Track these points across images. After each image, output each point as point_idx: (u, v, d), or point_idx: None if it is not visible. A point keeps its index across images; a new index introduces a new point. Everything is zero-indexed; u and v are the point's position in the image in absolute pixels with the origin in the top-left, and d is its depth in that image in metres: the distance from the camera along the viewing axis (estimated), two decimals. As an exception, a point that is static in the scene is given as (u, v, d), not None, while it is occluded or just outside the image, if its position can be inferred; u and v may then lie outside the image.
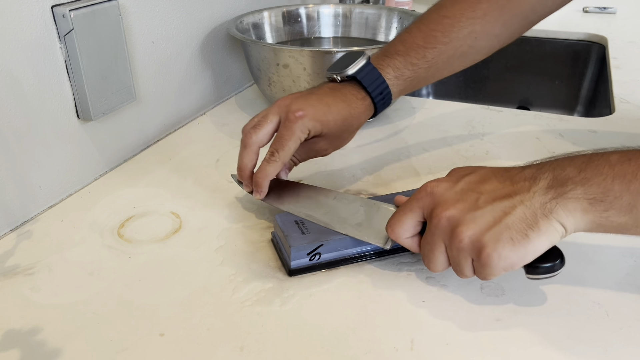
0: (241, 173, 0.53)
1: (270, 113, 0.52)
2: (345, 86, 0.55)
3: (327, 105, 0.53)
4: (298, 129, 0.50)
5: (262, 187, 0.51)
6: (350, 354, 0.39)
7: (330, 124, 0.52)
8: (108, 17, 0.58)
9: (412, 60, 0.56)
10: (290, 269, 0.46)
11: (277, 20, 0.88)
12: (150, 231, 0.53)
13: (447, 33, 0.57)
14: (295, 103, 0.52)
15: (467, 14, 0.57)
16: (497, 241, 0.39)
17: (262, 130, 0.52)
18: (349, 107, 0.54)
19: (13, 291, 0.45)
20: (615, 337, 0.40)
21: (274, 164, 0.50)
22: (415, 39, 0.57)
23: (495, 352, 0.39)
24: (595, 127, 0.75)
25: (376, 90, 0.55)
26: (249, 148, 0.52)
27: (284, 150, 0.50)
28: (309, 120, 0.51)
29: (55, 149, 0.57)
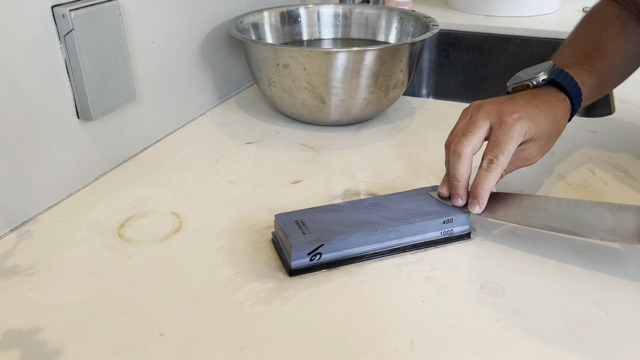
0: (457, 185, 0.50)
1: (479, 119, 0.50)
2: (543, 91, 0.54)
3: (537, 107, 0.51)
4: (516, 132, 0.48)
5: (483, 199, 0.48)
6: (350, 354, 0.39)
7: (542, 126, 0.51)
8: (108, 17, 0.58)
9: (586, 68, 0.57)
10: (290, 268, 0.46)
11: (277, 21, 0.88)
12: (150, 231, 0.53)
13: (599, 48, 0.59)
14: (506, 106, 0.50)
15: (604, 34, 0.60)
16: None
17: (475, 136, 0.49)
18: (555, 109, 0.53)
19: (13, 291, 0.45)
20: (615, 337, 0.40)
21: (495, 172, 0.48)
22: (576, 53, 0.59)
23: (495, 352, 0.39)
24: (595, 127, 0.75)
25: (573, 91, 0.54)
26: (464, 157, 0.49)
27: (504, 156, 0.48)
28: (526, 122, 0.49)
29: (55, 149, 0.57)
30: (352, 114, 0.75)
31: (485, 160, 0.49)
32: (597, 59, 0.58)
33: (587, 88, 0.56)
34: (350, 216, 0.50)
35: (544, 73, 0.55)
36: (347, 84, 0.70)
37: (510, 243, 0.51)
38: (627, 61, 0.62)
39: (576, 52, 0.59)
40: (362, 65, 0.69)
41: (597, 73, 0.58)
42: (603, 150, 0.68)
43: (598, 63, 0.58)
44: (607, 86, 0.62)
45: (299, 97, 0.73)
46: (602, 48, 0.59)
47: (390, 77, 0.73)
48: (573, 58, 0.58)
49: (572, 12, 1.27)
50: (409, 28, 0.85)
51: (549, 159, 0.66)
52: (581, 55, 0.59)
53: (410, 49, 0.73)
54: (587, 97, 0.57)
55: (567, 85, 0.54)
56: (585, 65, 0.57)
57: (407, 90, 0.80)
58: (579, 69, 0.57)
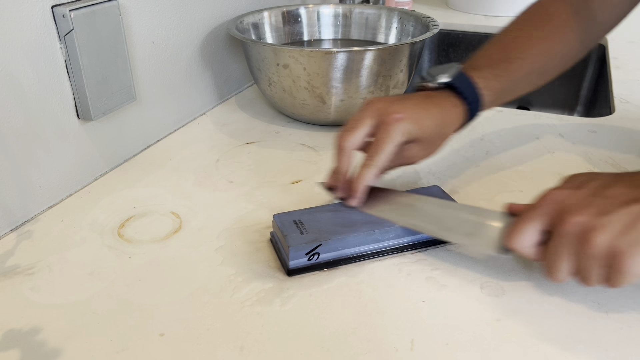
0: (337, 178, 0.51)
1: (365, 116, 0.51)
2: (438, 94, 0.54)
3: (424, 109, 0.52)
4: (397, 132, 0.49)
5: (359, 193, 0.50)
6: (350, 354, 0.39)
7: (426, 128, 0.51)
8: (108, 17, 0.58)
9: (497, 72, 0.57)
10: (289, 268, 0.46)
11: (277, 21, 0.88)
12: (150, 231, 0.53)
13: (522, 50, 0.58)
14: (393, 106, 0.50)
15: (535, 33, 0.59)
16: (633, 246, 0.37)
17: (358, 132, 0.50)
18: (444, 113, 0.53)
19: (13, 291, 0.45)
20: (615, 337, 0.40)
21: (372, 169, 0.49)
22: (494, 55, 0.58)
23: (495, 352, 0.39)
24: (595, 127, 0.75)
25: (470, 97, 0.55)
26: (345, 151, 0.50)
27: (383, 154, 0.49)
28: (408, 123, 0.49)
29: (55, 149, 0.57)
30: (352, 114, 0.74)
31: (365, 157, 0.50)
32: (516, 62, 0.58)
33: (493, 92, 0.56)
34: (348, 216, 0.50)
35: (446, 76, 0.55)
36: (347, 84, 0.70)
37: (510, 243, 0.51)
38: (554, 64, 0.61)
39: (495, 53, 0.59)
40: (362, 65, 0.69)
41: (512, 77, 0.57)
42: (603, 150, 0.68)
43: (515, 66, 0.57)
44: (525, 88, 0.60)
45: (299, 97, 0.73)
46: (526, 50, 0.58)
47: (390, 77, 0.73)
48: (488, 59, 0.58)
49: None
50: (409, 28, 0.85)
51: (548, 159, 0.66)
52: (499, 56, 0.58)
53: (410, 49, 0.73)
54: (493, 100, 0.57)
55: (464, 91, 0.54)
56: (497, 69, 0.57)
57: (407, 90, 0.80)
58: (488, 73, 0.56)
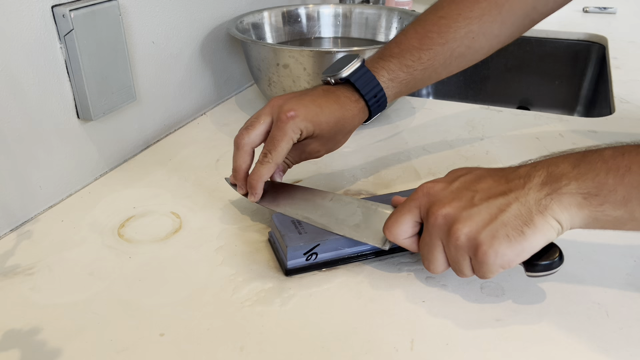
0: (236, 175, 0.53)
1: (262, 114, 0.52)
2: (339, 88, 0.55)
3: (320, 106, 0.52)
4: (290, 130, 0.50)
5: (256, 189, 0.51)
6: (350, 354, 0.39)
7: (322, 125, 0.52)
8: (108, 17, 0.58)
9: (407, 62, 0.56)
10: (287, 268, 0.46)
11: (277, 20, 0.88)
12: (150, 231, 0.53)
13: (444, 34, 0.56)
14: (288, 103, 0.51)
15: (464, 13, 0.56)
16: (493, 238, 0.39)
17: (255, 130, 0.51)
18: (342, 109, 0.54)
19: (13, 291, 0.45)
20: (615, 337, 0.40)
21: (267, 166, 0.50)
22: (410, 41, 0.57)
23: (495, 352, 0.39)
24: (595, 127, 0.75)
25: (370, 93, 0.54)
26: (242, 149, 0.52)
27: (277, 151, 0.50)
28: (301, 120, 0.50)
29: (55, 149, 0.57)
30: (352, 114, 0.74)
31: (261, 154, 0.51)
32: (434, 48, 0.56)
33: (400, 84, 0.56)
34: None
35: (346, 69, 0.54)
36: (347, 84, 0.70)
37: (510, 243, 0.51)
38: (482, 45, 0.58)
39: (411, 39, 0.57)
40: (362, 65, 0.69)
41: (424, 65, 0.56)
42: (603, 150, 0.68)
43: (431, 53, 0.56)
44: (441, 74, 0.59)
45: (299, 97, 0.72)
46: (450, 33, 0.56)
47: (390, 77, 0.72)
48: (400, 47, 0.56)
49: (572, 12, 1.27)
50: (409, 28, 0.85)
51: (549, 159, 0.66)
52: (414, 43, 0.56)
53: (410, 49, 0.73)
54: (401, 91, 0.57)
55: (362, 87, 0.54)
56: (408, 58, 0.56)
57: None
58: (396, 63, 0.56)
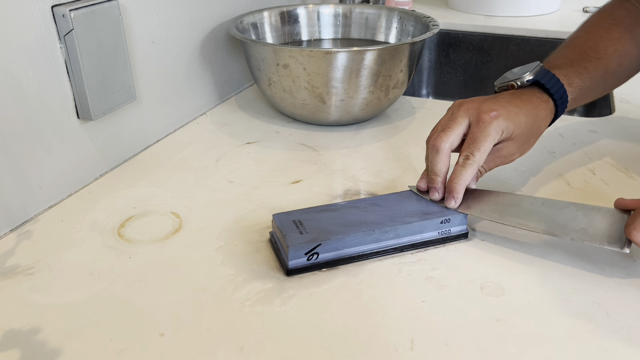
0: (435, 179, 0.51)
1: (458, 116, 0.51)
2: (527, 91, 0.55)
3: (517, 106, 0.52)
4: (493, 130, 0.49)
5: (458, 194, 0.50)
6: (350, 354, 0.39)
7: (522, 125, 0.52)
8: (108, 17, 0.58)
9: (578, 70, 0.57)
10: (288, 268, 0.46)
11: (277, 20, 0.88)
12: (150, 231, 0.53)
13: (596, 50, 0.59)
14: (485, 105, 0.51)
15: (605, 35, 0.60)
16: None
17: (453, 133, 0.50)
18: (536, 109, 0.54)
19: (13, 291, 0.45)
20: (615, 337, 0.40)
21: (471, 168, 0.49)
22: (571, 54, 0.59)
23: (495, 352, 0.39)
24: (595, 127, 0.75)
25: (557, 92, 0.55)
26: (442, 152, 0.50)
27: (480, 152, 0.49)
28: (503, 120, 0.50)
29: (55, 149, 0.57)
30: (352, 114, 0.75)
31: (461, 156, 0.50)
32: (593, 61, 0.58)
33: (575, 90, 0.57)
34: (347, 216, 0.50)
35: (529, 73, 0.55)
36: (347, 84, 0.70)
37: (510, 243, 0.51)
38: (627, 64, 0.62)
39: (571, 53, 0.60)
40: (362, 65, 0.69)
41: (590, 75, 0.58)
42: (603, 150, 0.68)
43: (593, 65, 0.58)
44: (601, 89, 0.62)
45: (299, 97, 0.73)
46: (601, 50, 0.59)
47: (390, 77, 0.73)
48: (566, 59, 0.59)
49: (572, 12, 1.27)
50: (409, 28, 0.85)
51: (549, 159, 0.66)
52: (576, 56, 0.59)
53: (410, 49, 0.73)
54: (575, 98, 0.57)
55: (551, 87, 0.55)
56: (577, 67, 0.58)
57: (407, 90, 0.80)
58: (569, 71, 0.57)
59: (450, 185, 0.50)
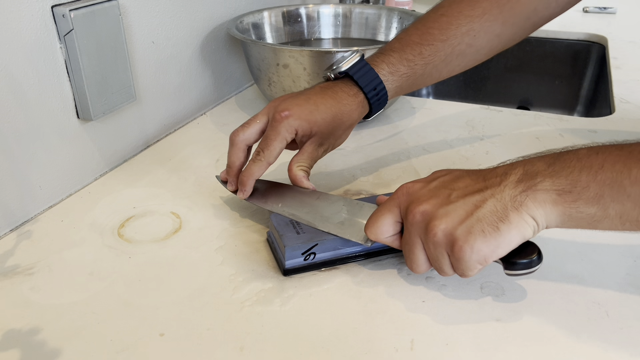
0: (229, 171, 0.54)
1: (260, 113, 0.53)
2: (337, 84, 0.55)
3: (315, 104, 0.53)
4: (283, 129, 0.51)
5: (246, 187, 0.52)
6: (350, 354, 0.39)
7: (318, 122, 0.52)
8: (108, 17, 0.58)
9: (408, 57, 0.56)
10: (285, 268, 0.46)
11: (277, 20, 0.88)
12: (150, 231, 0.53)
13: (445, 30, 0.56)
14: (283, 103, 0.52)
15: (465, 12, 0.57)
16: (469, 234, 0.39)
17: (250, 128, 0.53)
18: (339, 104, 0.54)
19: (13, 291, 0.45)
20: (615, 337, 0.40)
21: (259, 164, 0.51)
22: (411, 37, 0.57)
23: (495, 352, 0.39)
24: (595, 127, 0.75)
25: (369, 85, 0.55)
26: (235, 146, 0.53)
27: (269, 150, 0.51)
28: (295, 119, 0.51)
29: (55, 149, 0.57)
30: (352, 114, 0.74)
31: (254, 152, 0.52)
32: (435, 44, 0.56)
33: (401, 77, 0.56)
34: (348, 216, 0.50)
35: (344, 64, 0.55)
36: (347, 84, 0.70)
37: (510, 243, 0.51)
38: (484, 44, 0.58)
39: (412, 35, 0.57)
40: (362, 65, 0.69)
41: (426, 60, 0.56)
42: (603, 150, 0.68)
43: (432, 49, 0.56)
44: (446, 71, 0.59)
45: (299, 97, 0.72)
46: (451, 30, 0.56)
47: (390, 77, 0.72)
48: (401, 43, 0.57)
49: (572, 12, 1.27)
50: (409, 28, 0.85)
51: (549, 159, 0.66)
52: (415, 39, 0.57)
53: (410, 49, 0.73)
54: (401, 85, 0.57)
55: (360, 80, 0.54)
56: (409, 53, 0.56)
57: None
58: (395, 58, 0.56)
59: (240, 178, 0.52)
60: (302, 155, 0.54)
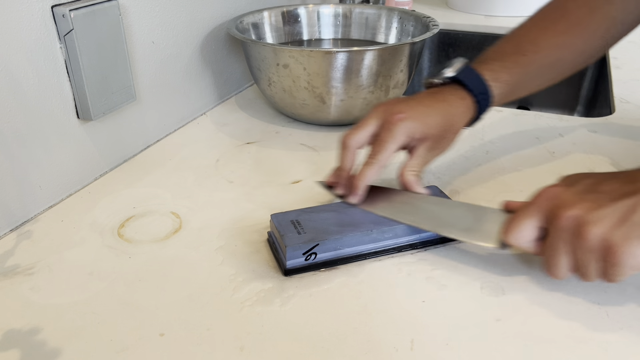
0: (339, 175, 0.52)
1: (370, 117, 0.52)
2: (444, 89, 0.55)
3: (427, 106, 0.53)
4: (399, 131, 0.50)
5: (359, 191, 0.51)
6: (350, 354, 0.39)
7: (432, 125, 0.52)
8: (108, 17, 0.58)
9: (507, 65, 0.57)
10: (286, 268, 0.46)
11: (277, 20, 0.88)
12: (150, 231, 0.53)
13: (535, 42, 0.58)
14: (396, 106, 0.52)
15: (551, 27, 0.59)
16: (626, 239, 0.38)
17: (362, 132, 0.52)
18: (450, 107, 0.54)
19: (13, 291, 0.45)
20: (615, 337, 0.40)
21: (373, 167, 0.50)
22: (505, 48, 0.58)
23: (495, 352, 0.39)
24: (595, 127, 0.75)
25: (477, 89, 0.55)
26: (348, 149, 0.52)
27: (383, 153, 0.50)
28: (410, 122, 0.51)
29: (55, 149, 0.57)
30: (352, 114, 0.75)
31: (367, 155, 0.51)
32: (528, 55, 0.57)
33: (503, 84, 0.56)
34: (345, 216, 0.50)
35: (450, 70, 0.56)
36: (347, 84, 0.70)
37: (510, 243, 0.51)
38: (570, 59, 0.60)
39: (507, 46, 0.59)
40: (362, 65, 0.69)
41: (523, 70, 0.57)
42: (603, 150, 0.68)
43: (527, 59, 0.57)
44: (539, 82, 0.60)
45: (299, 97, 0.73)
46: (541, 43, 0.58)
47: (390, 77, 0.73)
48: (499, 53, 0.58)
49: (572, 12, 1.27)
50: (409, 28, 0.85)
51: (549, 159, 0.67)
52: (510, 49, 0.58)
53: (410, 49, 0.73)
54: (504, 93, 0.57)
55: (469, 83, 0.55)
56: (507, 61, 0.57)
57: (407, 90, 0.80)
58: (497, 66, 0.56)
59: (352, 182, 0.51)
60: (415, 159, 0.53)
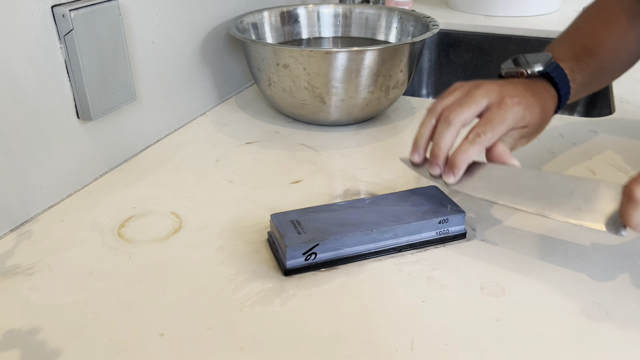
0: (437, 152, 0.49)
1: (477, 94, 0.49)
2: (536, 82, 0.54)
3: (533, 97, 0.52)
4: (512, 115, 0.48)
5: (459, 169, 0.47)
6: (350, 354, 0.39)
7: (536, 115, 0.51)
8: (108, 17, 0.58)
9: (581, 65, 0.57)
10: (286, 268, 0.46)
11: (277, 20, 0.88)
12: (150, 231, 0.53)
13: (597, 45, 0.58)
14: (507, 89, 0.50)
15: (602, 30, 0.59)
16: None
17: (471, 109, 0.49)
18: (545, 102, 0.53)
19: (13, 291, 0.45)
20: (615, 337, 0.40)
21: (478, 146, 0.47)
22: (575, 47, 0.58)
23: (495, 352, 0.39)
24: (595, 127, 0.75)
25: (564, 88, 0.55)
26: (452, 126, 0.48)
27: (493, 133, 0.48)
28: (523, 108, 0.49)
29: (55, 149, 0.57)
30: (352, 114, 0.75)
31: (472, 132, 0.48)
32: (594, 57, 0.58)
33: (577, 86, 0.56)
34: (346, 216, 0.50)
35: (540, 64, 0.54)
36: (347, 84, 0.70)
37: (510, 243, 0.51)
38: (623, 60, 0.61)
39: (575, 45, 0.59)
40: (362, 65, 0.69)
41: (590, 71, 0.58)
42: (603, 150, 0.68)
43: (593, 61, 0.58)
44: (597, 85, 0.61)
45: (299, 97, 0.73)
46: (600, 45, 0.59)
47: (390, 77, 0.73)
48: (571, 52, 0.58)
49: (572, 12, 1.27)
50: (409, 28, 0.85)
51: (549, 159, 0.67)
52: (579, 49, 0.58)
53: (410, 49, 0.73)
54: (574, 95, 0.57)
55: (559, 81, 0.54)
56: (580, 62, 0.57)
57: (407, 90, 0.80)
58: (574, 65, 0.56)
59: (452, 159, 0.48)
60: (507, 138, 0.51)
